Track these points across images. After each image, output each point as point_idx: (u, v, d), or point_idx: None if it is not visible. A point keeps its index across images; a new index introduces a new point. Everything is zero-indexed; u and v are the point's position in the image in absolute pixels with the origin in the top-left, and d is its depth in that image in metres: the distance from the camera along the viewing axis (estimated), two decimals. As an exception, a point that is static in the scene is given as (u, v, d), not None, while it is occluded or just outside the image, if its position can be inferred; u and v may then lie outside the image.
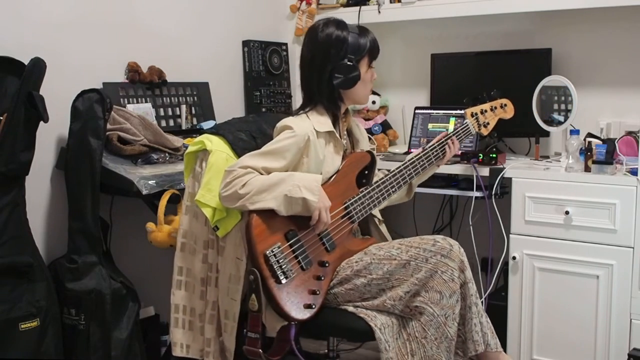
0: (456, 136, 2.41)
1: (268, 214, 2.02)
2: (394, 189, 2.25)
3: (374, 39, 2.22)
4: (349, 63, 2.15)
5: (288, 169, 2.10)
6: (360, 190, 2.21)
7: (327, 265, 2.09)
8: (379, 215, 2.37)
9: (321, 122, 2.17)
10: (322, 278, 2.07)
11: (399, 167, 2.28)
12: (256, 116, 2.52)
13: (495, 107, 2.52)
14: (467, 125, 2.45)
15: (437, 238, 2.05)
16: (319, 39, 2.17)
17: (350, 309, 2.06)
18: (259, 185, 2.00)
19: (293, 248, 2.04)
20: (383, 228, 2.36)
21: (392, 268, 2.02)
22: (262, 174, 2.05)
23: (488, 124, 2.49)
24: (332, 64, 2.15)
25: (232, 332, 2.16)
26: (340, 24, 2.19)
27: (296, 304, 2.00)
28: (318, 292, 2.04)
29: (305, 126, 2.12)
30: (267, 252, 1.99)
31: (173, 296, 2.27)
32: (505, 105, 2.54)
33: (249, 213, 2.02)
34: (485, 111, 2.49)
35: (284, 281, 1.99)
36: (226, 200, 2.04)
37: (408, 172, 2.29)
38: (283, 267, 2.00)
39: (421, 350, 1.99)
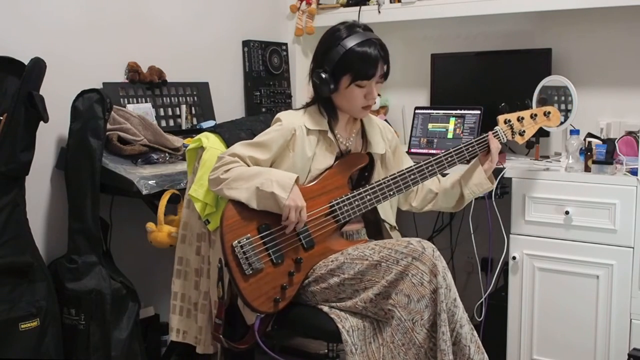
0: (479, 143, 2.23)
1: (245, 206, 2.04)
2: (392, 193, 2.15)
3: (369, 56, 2.06)
4: (322, 74, 2.09)
5: (274, 161, 2.13)
6: (352, 191, 2.16)
7: (301, 261, 2.07)
8: (390, 221, 2.30)
9: (315, 120, 2.17)
10: (294, 274, 2.06)
11: (402, 170, 2.18)
12: (268, 115, 2.55)
13: (536, 115, 2.30)
14: (496, 132, 2.25)
15: (411, 240, 1.98)
16: (321, 38, 2.18)
17: (325, 309, 2.04)
18: (238, 173, 2.05)
19: (264, 241, 2.04)
20: (395, 235, 2.30)
21: (363, 268, 1.99)
22: (247, 164, 2.10)
23: (524, 132, 2.27)
24: (313, 69, 2.15)
25: None
26: (342, 32, 2.10)
27: (261, 296, 2.01)
28: (287, 287, 2.04)
29: (294, 121, 2.14)
30: (234, 242, 2.00)
31: (173, 284, 2.37)
32: (550, 113, 2.32)
33: (226, 204, 2.06)
34: (523, 118, 2.27)
35: (248, 272, 2.00)
36: (210, 184, 2.12)
37: (412, 177, 2.17)
38: (249, 259, 2.00)
39: (389, 355, 1.93)
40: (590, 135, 2.65)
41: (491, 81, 3.04)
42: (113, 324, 2.40)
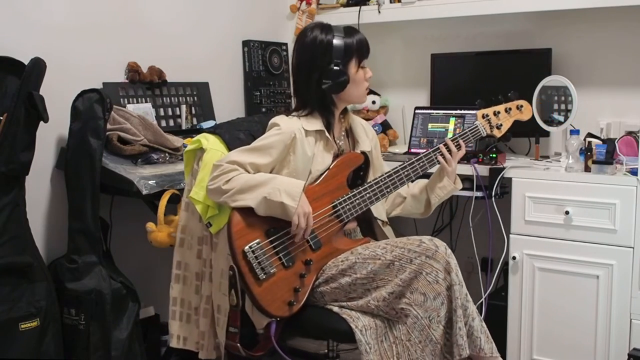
0: (463, 138, 2.32)
1: (250, 211, 2.04)
2: (389, 189, 2.21)
3: (361, 38, 2.19)
4: (335, 68, 2.13)
5: (275, 166, 2.13)
6: (352, 190, 2.19)
7: (310, 263, 2.08)
8: (382, 217, 2.34)
9: (311, 122, 2.18)
10: (305, 276, 2.06)
11: (396, 167, 2.23)
12: (262, 116, 2.54)
13: (510, 109, 2.41)
14: (477, 126, 2.36)
15: (423, 239, 2.01)
16: (304, 45, 2.18)
17: (335, 309, 2.05)
18: (241, 183, 2.03)
19: (274, 245, 2.05)
20: (388, 230, 2.33)
21: (376, 268, 2.00)
22: (248, 171, 2.08)
23: (501, 125, 2.38)
24: (319, 70, 2.14)
25: (224, 326, 2.19)
26: (324, 28, 2.17)
27: (275, 301, 2.01)
28: (299, 290, 2.05)
29: (293, 124, 2.14)
30: (246, 248, 2.00)
31: (171, 289, 2.34)
32: (522, 106, 2.43)
33: (232, 210, 2.05)
34: (499, 113, 2.39)
35: (262, 277, 2.00)
36: (211, 194, 2.10)
37: (406, 173, 2.23)
38: (262, 263, 2.01)
39: (406, 353, 1.95)
40: (590, 135, 2.65)
41: (491, 81, 3.04)
42: (113, 324, 2.40)
